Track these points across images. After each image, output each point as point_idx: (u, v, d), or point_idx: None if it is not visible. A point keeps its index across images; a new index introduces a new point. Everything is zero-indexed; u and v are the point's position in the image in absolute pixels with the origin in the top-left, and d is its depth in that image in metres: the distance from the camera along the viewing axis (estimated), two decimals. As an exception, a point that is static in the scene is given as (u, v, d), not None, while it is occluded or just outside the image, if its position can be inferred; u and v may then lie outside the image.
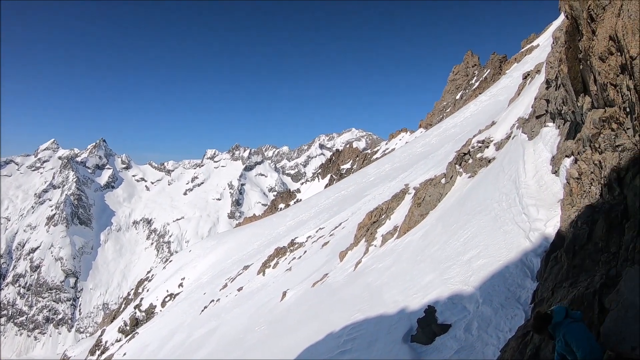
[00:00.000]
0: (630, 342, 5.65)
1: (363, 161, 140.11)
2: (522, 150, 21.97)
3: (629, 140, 10.31)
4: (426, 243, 22.36)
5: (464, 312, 14.02)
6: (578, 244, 11.24)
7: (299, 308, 26.28)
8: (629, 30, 9.57)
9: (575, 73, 14.45)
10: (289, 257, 46.96)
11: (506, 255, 15.71)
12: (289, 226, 74.76)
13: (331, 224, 51.58)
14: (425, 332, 13.99)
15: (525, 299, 12.88)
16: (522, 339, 9.65)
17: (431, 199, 28.44)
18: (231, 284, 52.39)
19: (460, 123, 66.19)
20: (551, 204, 16.39)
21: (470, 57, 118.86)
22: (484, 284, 14.83)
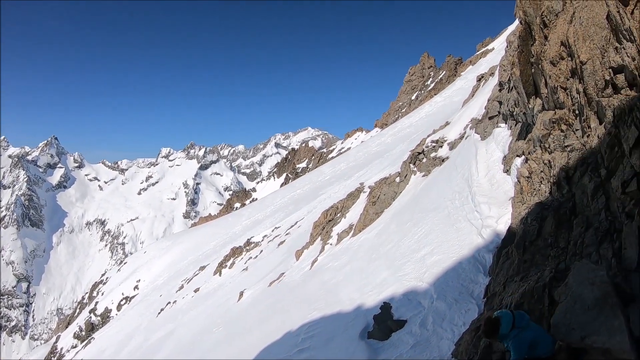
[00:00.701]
0: (579, 332, 5.89)
1: (319, 160, 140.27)
2: (475, 150, 22.62)
3: (577, 141, 10.81)
4: (381, 241, 22.62)
5: (419, 308, 14.24)
6: (528, 240, 11.68)
7: (256, 308, 26.07)
8: (580, 37, 10.00)
9: (527, 76, 15.01)
10: (245, 256, 46.46)
11: (459, 251, 16.06)
12: (244, 225, 73.74)
13: (287, 223, 51.32)
14: (381, 329, 14.14)
15: (478, 293, 13.17)
16: (476, 332, 9.80)
17: (386, 197, 28.85)
18: (187, 285, 51.39)
19: (416, 123, 67.36)
20: (503, 202, 16.93)
21: (427, 59, 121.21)
22: (438, 280, 15.10)
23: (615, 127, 8.56)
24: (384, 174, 35.96)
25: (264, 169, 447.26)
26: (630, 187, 7.74)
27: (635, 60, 8.20)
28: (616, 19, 8.67)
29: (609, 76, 9.08)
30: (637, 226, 7.02)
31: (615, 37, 8.92)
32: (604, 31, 9.32)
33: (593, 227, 8.72)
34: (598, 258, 7.86)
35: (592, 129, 9.78)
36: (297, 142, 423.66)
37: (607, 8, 9.05)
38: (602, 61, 9.32)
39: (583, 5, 10.05)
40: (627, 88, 8.58)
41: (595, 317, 5.86)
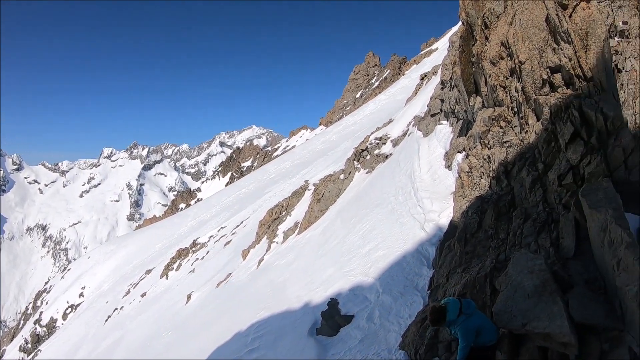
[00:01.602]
0: (521, 319, 6.06)
1: (264, 158, 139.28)
2: (418, 147, 23.10)
3: (515, 137, 11.26)
4: (326, 238, 22.73)
5: (365, 302, 14.37)
6: (469, 232, 12.04)
7: (204, 310, 25.66)
8: (520, 38, 10.41)
9: (467, 75, 15.50)
10: (192, 258, 45.64)
11: (403, 245, 16.33)
12: (190, 226, 71.99)
13: (233, 222, 50.61)
14: (329, 324, 14.19)
15: (423, 286, 13.44)
16: (422, 324, 10.04)
17: (330, 194, 29.05)
18: (134, 290, 49.65)
19: (360, 121, 68.11)
20: (444, 196, 17.39)
21: (371, 58, 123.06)
22: (383, 274, 15.29)
23: (551, 124, 8.97)
24: (329, 171, 36.09)
25: (208, 168, 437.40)
26: (566, 179, 8.14)
27: (572, 61, 8.63)
28: (555, 21, 9.09)
29: (547, 75, 9.52)
30: (573, 217, 7.38)
31: (554, 39, 9.35)
32: (542, 33, 9.75)
33: (531, 218, 9.10)
34: (537, 248, 8.18)
35: (530, 126, 10.21)
36: (242, 141, 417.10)
37: (547, 11, 9.47)
38: (540, 61, 9.75)
39: (523, 7, 10.47)
40: (564, 87, 9.03)
41: (535, 304, 6.03)
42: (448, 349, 8.11)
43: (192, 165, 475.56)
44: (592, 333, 5.43)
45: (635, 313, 4.77)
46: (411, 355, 9.72)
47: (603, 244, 5.95)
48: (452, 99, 19.51)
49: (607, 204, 6.29)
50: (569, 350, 5.31)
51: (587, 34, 8.32)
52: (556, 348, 5.45)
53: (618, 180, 7.05)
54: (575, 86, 8.64)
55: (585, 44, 8.36)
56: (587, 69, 8.31)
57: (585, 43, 8.36)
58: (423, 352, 9.10)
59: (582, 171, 7.76)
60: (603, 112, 7.57)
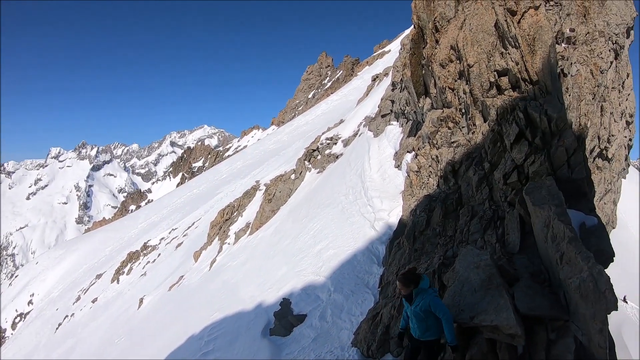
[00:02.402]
0: (468, 312, 6.15)
1: (215, 159, 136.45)
2: (368, 147, 23.43)
3: (463, 137, 11.55)
4: (278, 238, 22.65)
5: (317, 301, 14.42)
6: (418, 230, 12.24)
7: (157, 314, 24.90)
8: (469, 42, 10.67)
9: (417, 77, 15.78)
10: (143, 261, 44.05)
11: (354, 244, 16.51)
12: (141, 229, 68.98)
13: (184, 224, 49.36)
14: (282, 325, 14.16)
15: (374, 283, 13.62)
16: (373, 321, 10.12)
17: (281, 194, 29.02)
18: (85, 296, 46.98)
19: (312, 121, 68.08)
20: (394, 196, 17.68)
21: (325, 58, 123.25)
22: (334, 273, 15.40)
23: (498, 125, 9.25)
24: (280, 171, 35.96)
25: (159, 168, 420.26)
26: (511, 178, 8.42)
27: (519, 65, 8.94)
28: (503, 26, 9.39)
29: (494, 78, 9.81)
30: (518, 213, 7.62)
31: (502, 43, 9.66)
32: (491, 37, 10.05)
33: (478, 215, 9.34)
34: (483, 244, 8.39)
35: (477, 127, 10.50)
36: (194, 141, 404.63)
37: (496, 16, 9.76)
38: (488, 65, 10.04)
39: (474, 12, 10.73)
40: (510, 89, 9.34)
41: (482, 297, 6.13)
42: (400, 345, 8.14)
43: (143, 166, 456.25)
44: (539, 324, 5.58)
45: (578, 304, 4.94)
46: (363, 352, 9.75)
47: (547, 239, 6.15)
48: (403, 100, 19.86)
49: (550, 201, 6.52)
50: (516, 341, 5.40)
51: (534, 40, 8.64)
52: (504, 340, 5.54)
53: (561, 179, 7.34)
54: (522, 89, 8.96)
55: (532, 49, 8.68)
56: (533, 73, 8.63)
57: (532, 48, 8.68)
58: (375, 349, 9.14)
59: (527, 170, 8.04)
60: (547, 114, 7.87)
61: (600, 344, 4.59)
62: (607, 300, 4.52)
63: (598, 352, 4.66)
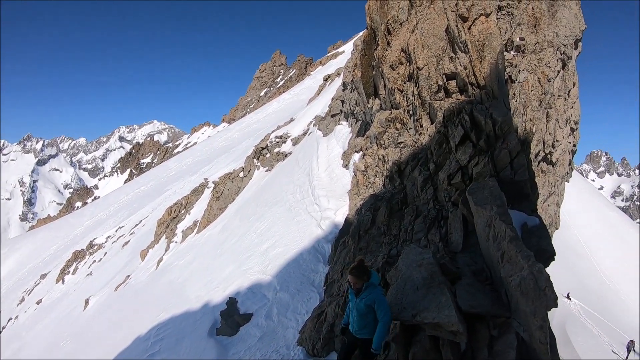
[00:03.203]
0: (411, 310, 6.06)
1: (164, 155, 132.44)
2: (317, 146, 23.34)
3: (410, 139, 11.62)
4: (225, 236, 22.28)
5: (264, 300, 14.33)
6: (363, 229, 12.22)
7: (103, 315, 23.85)
8: (420, 45, 10.71)
9: (367, 78, 15.81)
10: (89, 260, 42.15)
11: (300, 243, 16.50)
12: (87, 226, 65.45)
13: (131, 221, 47.57)
14: (229, 324, 14.01)
15: (319, 282, 13.65)
16: (318, 319, 10.01)
17: (230, 192, 28.58)
18: (29, 297, 44.20)
19: (263, 119, 67.55)
20: (341, 195, 17.71)
21: (278, 57, 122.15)
22: (280, 272, 15.35)
23: (444, 127, 9.34)
24: (229, 169, 35.51)
25: (106, 164, 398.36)
26: (455, 179, 8.50)
27: (467, 69, 9.05)
28: (454, 32, 9.49)
29: (442, 82, 9.90)
30: (461, 213, 7.67)
31: (452, 48, 9.76)
32: (442, 42, 10.14)
33: (422, 215, 9.38)
34: (427, 243, 8.42)
35: (424, 128, 10.58)
36: (143, 136, 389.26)
37: (447, 22, 9.86)
38: (437, 68, 10.12)
39: (426, 17, 10.81)
40: (458, 93, 9.46)
41: (424, 295, 6.07)
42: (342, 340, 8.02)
43: (90, 161, 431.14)
44: (481, 321, 5.57)
45: (519, 301, 4.96)
46: (309, 351, 9.67)
47: (488, 238, 6.17)
48: (352, 101, 19.90)
49: (492, 201, 6.57)
50: (458, 338, 5.36)
51: (484, 46, 8.79)
52: (446, 337, 5.48)
53: (504, 180, 7.47)
54: (469, 93, 9.09)
55: (481, 54, 8.82)
56: (481, 78, 8.77)
57: (481, 54, 8.82)
58: (320, 347, 9.04)
59: (471, 171, 8.14)
60: (492, 118, 7.99)
61: (541, 340, 4.60)
62: (547, 298, 4.53)
63: (539, 348, 4.68)
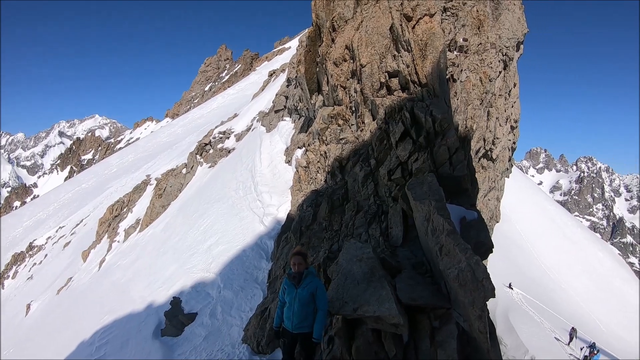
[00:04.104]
0: (352, 304, 5.95)
1: (106, 151, 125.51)
2: (260, 142, 23.00)
3: (351, 135, 11.55)
4: (168, 234, 21.58)
5: (208, 299, 14.07)
6: (305, 225, 12.05)
7: (46, 320, 22.32)
8: (364, 43, 10.65)
9: (311, 74, 15.65)
10: (29, 263, 39.19)
11: (243, 239, 16.24)
12: (26, 227, 60.19)
13: (72, 221, 44.47)
14: (173, 324, 13.64)
15: (262, 278, 13.51)
16: (262, 316, 9.80)
17: (172, 189, 27.62)
18: None
19: (207, 114, 65.81)
20: (283, 191, 17.54)
21: (224, 51, 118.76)
22: (224, 269, 15.10)
23: (385, 123, 9.32)
24: (172, 165, 34.35)
25: (46, 160, 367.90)
26: (396, 174, 8.49)
27: (409, 67, 9.08)
28: (398, 30, 9.49)
29: (385, 79, 9.89)
30: (401, 208, 7.65)
31: (395, 46, 9.76)
32: (385, 40, 10.13)
33: (363, 210, 9.33)
34: (368, 237, 8.35)
35: (366, 125, 10.54)
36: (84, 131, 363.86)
37: (392, 20, 9.85)
38: (380, 66, 10.10)
39: (371, 15, 10.77)
40: (400, 90, 9.47)
41: (364, 289, 6.00)
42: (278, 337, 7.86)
43: (28, 157, 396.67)
44: (422, 312, 5.57)
45: (458, 292, 4.98)
46: (254, 348, 9.49)
47: (427, 232, 6.18)
48: (296, 97, 19.71)
49: (430, 196, 6.59)
50: (400, 330, 5.33)
51: (426, 45, 8.85)
52: (388, 329, 5.44)
53: (443, 175, 7.53)
54: (410, 90, 9.13)
55: (423, 53, 8.88)
56: (423, 76, 8.83)
57: (424, 53, 8.88)
58: (265, 344, 8.90)
59: (410, 167, 8.15)
60: (432, 115, 8.05)
61: (480, 329, 4.64)
62: (485, 289, 4.61)
63: (479, 337, 4.73)
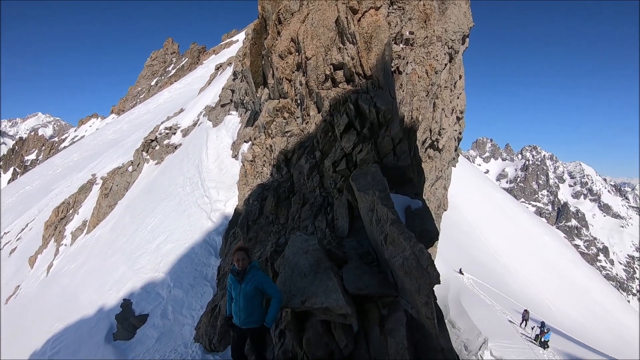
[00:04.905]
0: (299, 297, 5.79)
1: (50, 150, 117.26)
2: (207, 137, 22.35)
3: (297, 127, 11.33)
4: (116, 235, 20.70)
5: (158, 299, 13.72)
6: (251, 219, 11.74)
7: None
8: (310, 35, 10.41)
9: (257, 67, 15.26)
10: None
11: (191, 237, 15.89)
12: None
13: (17, 226, 41.46)
14: (125, 327, 13.17)
15: (212, 275, 13.28)
16: (212, 313, 9.54)
17: (118, 188, 26.37)
18: None
19: (154, 109, 63.24)
20: (230, 186, 17.15)
21: (171, 44, 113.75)
22: (173, 268, 14.75)
23: (330, 116, 9.16)
24: (118, 163, 32.78)
25: None
26: (340, 166, 8.36)
27: (354, 60, 8.95)
28: (344, 23, 9.33)
29: (330, 71, 9.72)
30: (346, 199, 7.53)
31: (340, 39, 9.61)
32: (331, 32, 9.95)
33: (309, 202, 9.15)
34: (314, 230, 8.19)
35: (311, 117, 10.34)
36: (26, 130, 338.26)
37: (338, 13, 9.68)
38: (325, 58, 9.92)
39: (317, 8, 10.55)
40: (345, 82, 9.34)
41: (311, 281, 5.88)
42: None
43: None
44: (370, 302, 5.51)
45: (404, 280, 4.91)
46: (206, 347, 9.30)
47: (372, 222, 6.10)
48: (242, 90, 19.25)
49: (374, 186, 6.51)
50: (349, 320, 5.25)
51: (372, 38, 8.77)
52: (337, 320, 5.34)
53: (387, 166, 7.47)
54: (355, 83, 9.02)
55: (368, 46, 8.79)
56: (368, 68, 8.74)
57: (369, 45, 8.79)
58: (217, 342, 8.71)
59: (355, 158, 8.05)
60: (376, 106, 7.97)
61: (428, 315, 4.63)
62: (430, 275, 4.56)
63: (427, 323, 4.72)
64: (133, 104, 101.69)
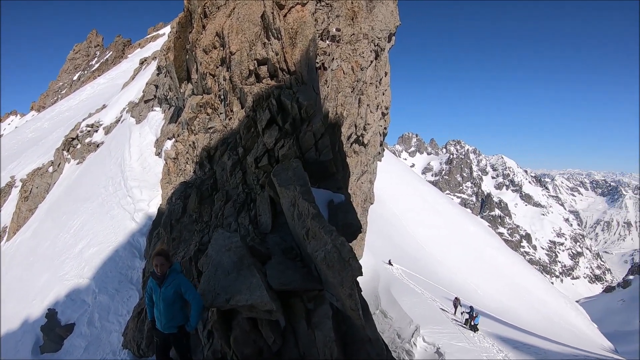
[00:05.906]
0: (224, 295, 5.54)
1: None
2: (129, 134, 20.93)
3: (220, 124, 10.87)
4: (37, 241, 18.99)
5: (84, 306, 12.83)
6: (174, 218, 11.11)
7: None
8: (235, 30, 9.99)
9: (180, 62, 14.49)
10: None
11: (115, 239, 14.94)
12: None
13: None
14: (51, 339, 12.17)
15: (137, 278, 12.66)
16: (138, 318, 9.01)
17: (39, 190, 23.96)
18: None
19: (76, 106, 58.48)
20: (154, 184, 16.20)
21: (95, 37, 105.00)
22: (97, 273, 13.86)
23: (253, 111, 8.87)
24: (38, 164, 29.99)
25: None
26: (262, 162, 8.10)
27: (279, 55, 8.71)
28: (269, 18, 9.05)
29: (254, 67, 9.40)
30: (268, 195, 7.29)
31: (265, 34, 9.32)
32: (256, 27, 9.62)
33: (232, 199, 8.80)
34: (237, 227, 7.88)
35: (235, 113, 9.96)
36: None
37: (264, 8, 9.37)
38: (249, 53, 9.58)
39: (243, 2, 10.16)
40: (268, 78, 9.07)
41: (235, 279, 5.67)
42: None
43: None
44: (295, 296, 5.43)
45: (327, 274, 4.85)
46: (134, 352, 8.88)
47: (294, 217, 5.99)
48: (166, 86, 18.27)
49: (295, 181, 6.38)
50: (274, 316, 5.12)
51: (297, 33, 8.60)
52: (263, 316, 5.19)
53: (309, 160, 7.35)
54: (279, 78, 8.80)
55: (293, 41, 8.62)
56: (292, 64, 8.56)
57: (294, 41, 8.61)
58: (145, 347, 8.33)
59: (277, 154, 7.85)
60: (299, 102, 7.81)
61: (352, 307, 4.61)
62: (352, 268, 4.54)
63: (352, 315, 4.71)
64: (54, 100, 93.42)
